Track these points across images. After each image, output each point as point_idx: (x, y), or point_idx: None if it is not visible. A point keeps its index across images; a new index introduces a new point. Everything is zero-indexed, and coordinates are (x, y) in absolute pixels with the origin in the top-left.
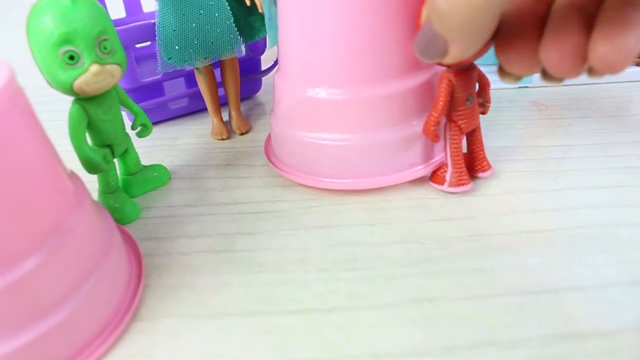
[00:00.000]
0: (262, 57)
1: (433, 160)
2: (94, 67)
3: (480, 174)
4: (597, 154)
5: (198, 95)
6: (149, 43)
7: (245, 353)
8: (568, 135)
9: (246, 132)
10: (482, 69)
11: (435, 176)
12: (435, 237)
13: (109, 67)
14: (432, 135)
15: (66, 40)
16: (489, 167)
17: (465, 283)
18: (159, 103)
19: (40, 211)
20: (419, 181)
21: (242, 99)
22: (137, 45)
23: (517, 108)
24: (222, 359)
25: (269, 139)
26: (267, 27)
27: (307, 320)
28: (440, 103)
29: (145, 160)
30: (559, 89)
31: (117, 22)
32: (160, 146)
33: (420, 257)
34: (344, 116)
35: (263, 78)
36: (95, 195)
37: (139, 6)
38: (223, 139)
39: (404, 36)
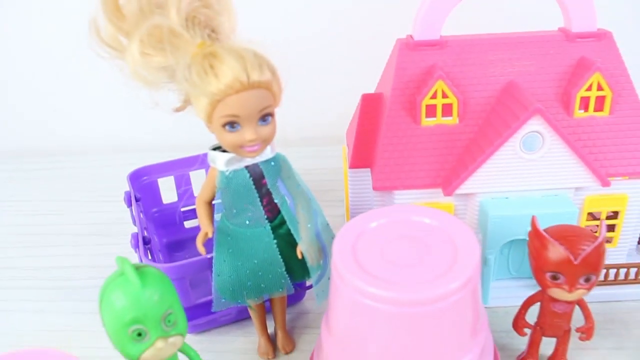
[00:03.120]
0: None
1: None
2: (159, 343)
3: None
4: None
5: (245, 309)
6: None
7: None
8: None
9: (291, 351)
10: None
11: None
12: None
13: (172, 339)
14: (518, 331)
15: (135, 321)
16: None
17: None
18: (209, 319)
19: None
20: None
21: (287, 305)
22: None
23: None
24: None
25: None
26: (314, 282)
27: None
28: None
29: None
30: (593, 307)
31: (168, 206)
32: None
33: None
34: None
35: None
36: None
37: (191, 192)
38: (269, 359)
39: (450, 338)
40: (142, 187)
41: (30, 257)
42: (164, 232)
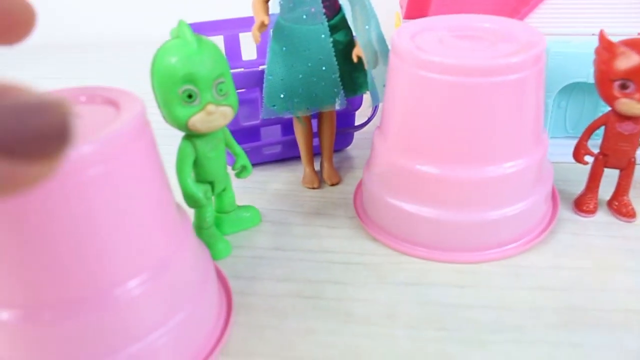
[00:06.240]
0: (357, 112)
1: (524, 240)
2: (210, 107)
3: (619, 217)
4: None
5: (292, 144)
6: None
7: None
8: None
9: (336, 184)
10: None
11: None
12: (526, 305)
13: (222, 108)
14: (579, 159)
15: (188, 80)
16: (630, 214)
17: (557, 356)
18: (255, 147)
19: (149, 239)
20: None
21: (334, 151)
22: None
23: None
24: None
25: (358, 191)
26: (369, 86)
27: None
28: (587, 129)
29: (236, 201)
30: None
31: None
32: (252, 189)
33: (510, 324)
34: (437, 192)
35: (355, 133)
36: None
37: (239, 54)
38: (314, 188)
39: (508, 125)
40: None
41: None
42: None
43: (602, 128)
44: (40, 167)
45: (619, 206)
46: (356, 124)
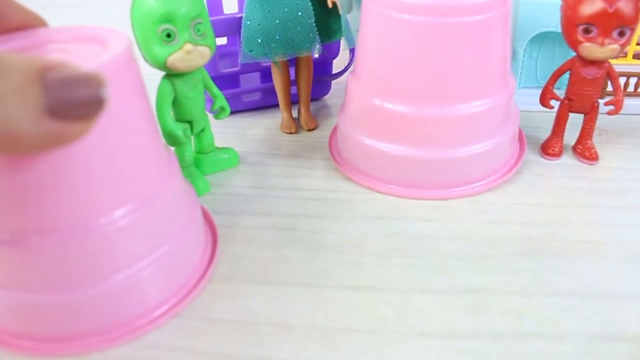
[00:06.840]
0: (334, 61)
1: (491, 179)
2: (188, 46)
3: (583, 160)
4: None
5: (270, 91)
6: (225, 42)
7: (300, 319)
8: (628, 159)
9: (313, 129)
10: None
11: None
12: (490, 237)
13: (200, 48)
14: (545, 103)
15: (166, 19)
16: (593, 157)
17: (515, 280)
18: (234, 94)
19: (136, 171)
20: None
21: (311, 100)
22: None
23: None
24: (279, 321)
25: (333, 135)
26: (343, 30)
27: (361, 296)
28: (553, 74)
29: (216, 144)
30: (618, 117)
31: None
32: (231, 134)
33: (473, 253)
34: (408, 130)
35: (332, 82)
36: None
37: (220, 7)
38: (291, 133)
39: (477, 64)
40: None
41: None
42: None
43: (568, 74)
44: (81, 126)
45: (582, 150)
46: (333, 72)
